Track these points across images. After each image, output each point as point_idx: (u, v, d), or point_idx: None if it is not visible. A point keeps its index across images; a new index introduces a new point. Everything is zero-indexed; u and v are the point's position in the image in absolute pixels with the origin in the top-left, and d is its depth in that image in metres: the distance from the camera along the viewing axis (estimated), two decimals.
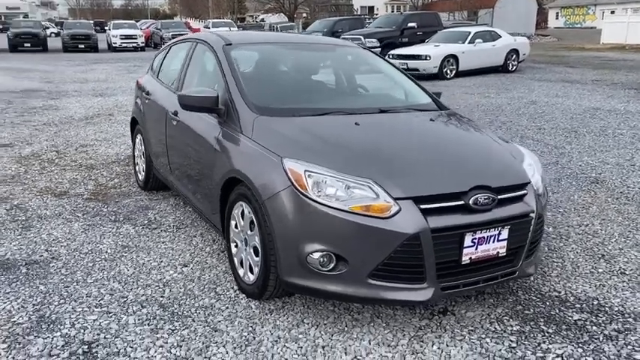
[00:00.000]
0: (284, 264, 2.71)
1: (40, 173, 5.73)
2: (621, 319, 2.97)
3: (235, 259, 3.18)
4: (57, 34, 33.85)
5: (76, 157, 6.51)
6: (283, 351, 2.58)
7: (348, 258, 2.59)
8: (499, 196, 2.78)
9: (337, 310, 2.95)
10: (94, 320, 2.80)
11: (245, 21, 51.49)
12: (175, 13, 73.00)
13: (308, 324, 2.82)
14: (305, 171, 2.66)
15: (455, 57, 15.16)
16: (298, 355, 2.55)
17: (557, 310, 3.05)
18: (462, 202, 2.67)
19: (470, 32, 16.08)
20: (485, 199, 2.70)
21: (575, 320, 2.96)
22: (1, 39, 29.69)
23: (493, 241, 2.74)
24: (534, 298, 3.19)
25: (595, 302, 3.16)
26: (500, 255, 2.79)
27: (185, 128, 3.81)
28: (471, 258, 2.69)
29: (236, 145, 3.14)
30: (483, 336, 2.77)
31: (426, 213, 2.59)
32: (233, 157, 3.11)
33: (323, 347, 2.62)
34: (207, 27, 34.72)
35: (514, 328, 2.85)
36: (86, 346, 2.57)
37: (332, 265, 2.61)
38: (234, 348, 2.59)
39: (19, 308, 2.92)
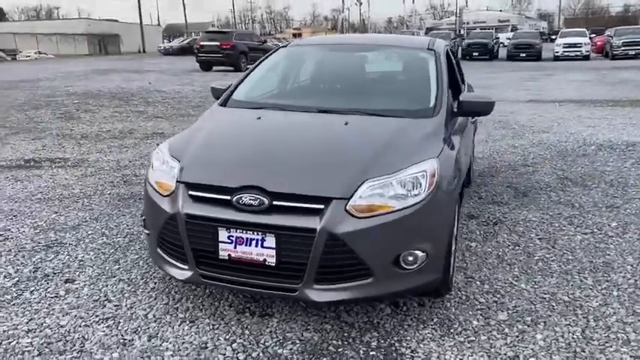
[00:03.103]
0: None
1: None
2: None
3: None
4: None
5: None
6: (109, 290, 3.24)
7: (147, 226, 3.02)
8: (274, 202, 2.60)
9: (186, 286, 3.24)
10: (85, 235, 4.06)
11: None
12: None
13: (159, 292, 3.30)
14: (156, 150, 3.20)
15: None
16: (98, 300, 3.12)
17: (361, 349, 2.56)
18: (228, 198, 2.67)
19: None
20: (250, 199, 2.61)
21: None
22: None
23: (256, 246, 2.61)
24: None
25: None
26: (268, 264, 2.62)
27: None
28: (230, 255, 2.66)
29: None
30: (242, 341, 2.69)
31: (193, 199, 2.75)
32: None
33: (120, 308, 3.08)
34: None
35: (272, 349, 2.63)
36: (56, 243, 3.88)
37: (149, 231, 3.08)
38: (89, 278, 3.37)
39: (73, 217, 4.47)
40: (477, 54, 30.49)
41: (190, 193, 2.76)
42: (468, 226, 4.35)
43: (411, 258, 2.67)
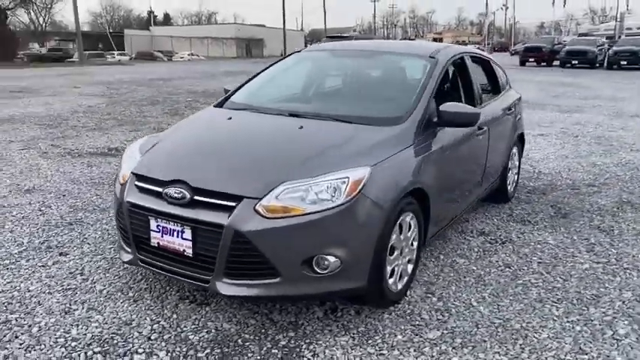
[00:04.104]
0: None
1: None
2: None
3: None
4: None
5: None
6: (88, 265, 3.63)
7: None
8: (195, 197, 2.77)
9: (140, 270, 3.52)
10: (106, 216, 4.54)
11: None
12: None
13: (128, 271, 3.60)
14: (131, 144, 3.52)
15: None
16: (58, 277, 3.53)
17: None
18: (160, 190, 2.90)
19: None
20: (175, 193, 2.81)
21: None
22: None
23: (177, 236, 2.80)
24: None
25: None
26: (186, 254, 2.80)
27: None
28: (158, 243, 2.88)
29: None
30: (165, 323, 2.90)
31: (138, 190, 3.02)
32: None
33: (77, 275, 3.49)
34: None
35: (173, 334, 2.80)
36: (78, 221, 4.39)
37: None
38: (80, 253, 3.81)
39: None
40: (625, 63, 27.73)
41: (135, 183, 3.03)
42: (469, 242, 4.15)
43: (325, 262, 2.69)
